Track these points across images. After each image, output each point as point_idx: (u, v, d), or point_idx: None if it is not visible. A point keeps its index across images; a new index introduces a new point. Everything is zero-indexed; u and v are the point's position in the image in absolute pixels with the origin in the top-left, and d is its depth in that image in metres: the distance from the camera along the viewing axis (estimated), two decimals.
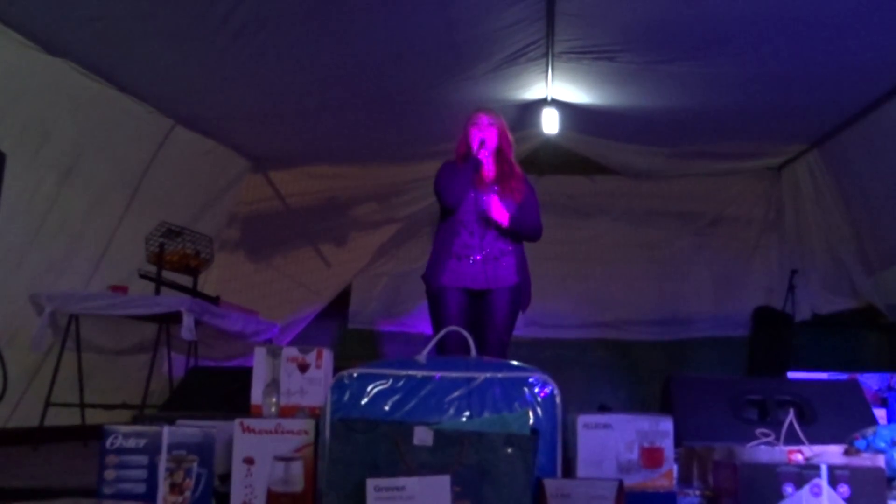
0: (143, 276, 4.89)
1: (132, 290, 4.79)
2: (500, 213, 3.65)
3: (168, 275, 4.97)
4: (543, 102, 5.68)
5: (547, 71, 5.16)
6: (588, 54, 4.84)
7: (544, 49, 4.86)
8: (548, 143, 6.51)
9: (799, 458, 2.02)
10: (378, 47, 4.63)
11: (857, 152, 5.66)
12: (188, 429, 1.83)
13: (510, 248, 3.75)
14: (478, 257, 3.69)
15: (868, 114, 5.27)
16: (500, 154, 3.80)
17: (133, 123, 5.03)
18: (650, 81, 5.08)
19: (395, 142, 6.28)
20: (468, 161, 3.68)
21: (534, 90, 5.52)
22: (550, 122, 5.75)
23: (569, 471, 1.84)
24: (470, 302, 3.71)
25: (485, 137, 3.72)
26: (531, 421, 1.80)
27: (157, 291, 4.86)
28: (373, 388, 1.83)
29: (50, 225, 4.62)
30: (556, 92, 5.52)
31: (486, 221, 3.69)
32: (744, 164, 6.74)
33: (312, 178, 6.74)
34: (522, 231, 3.78)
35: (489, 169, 3.80)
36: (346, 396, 1.82)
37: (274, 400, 2.00)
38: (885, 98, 5.00)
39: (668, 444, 1.85)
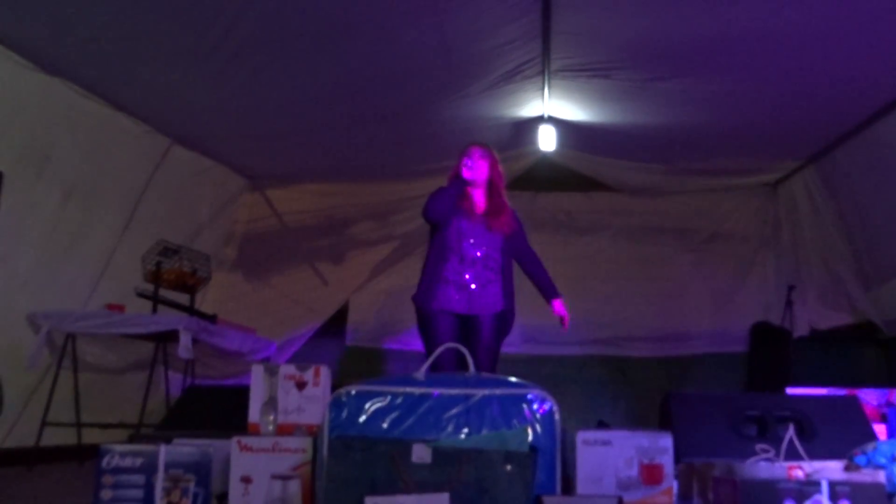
0: (140, 295, 4.88)
1: (130, 309, 4.78)
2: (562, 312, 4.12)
3: (165, 293, 4.96)
4: (540, 120, 5.70)
5: (543, 88, 5.18)
6: (584, 72, 4.86)
7: (540, 67, 4.89)
8: (544, 160, 6.53)
9: (799, 474, 2.00)
10: (375, 66, 4.65)
11: (852, 168, 5.67)
12: (185, 448, 1.82)
13: (496, 276, 3.91)
14: (465, 284, 3.85)
15: (863, 130, 5.29)
16: (492, 187, 3.96)
17: (130, 142, 5.05)
18: (646, 99, 5.10)
19: (392, 160, 6.29)
20: (457, 181, 3.87)
21: (530, 108, 5.54)
22: (547, 140, 5.77)
23: (568, 488, 1.83)
24: (458, 325, 3.87)
25: (475, 166, 3.89)
26: (530, 438, 1.79)
27: (154, 310, 4.85)
28: (371, 406, 1.82)
29: (50, 244, 4.63)
30: (552, 109, 5.54)
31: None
32: (740, 181, 6.76)
33: (309, 196, 6.74)
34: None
35: (479, 201, 3.95)
36: (344, 414, 1.81)
37: (271, 418, 1.99)
38: (881, 114, 5.01)
39: (667, 461, 1.84)
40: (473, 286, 3.85)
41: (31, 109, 4.34)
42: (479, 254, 3.87)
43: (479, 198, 3.96)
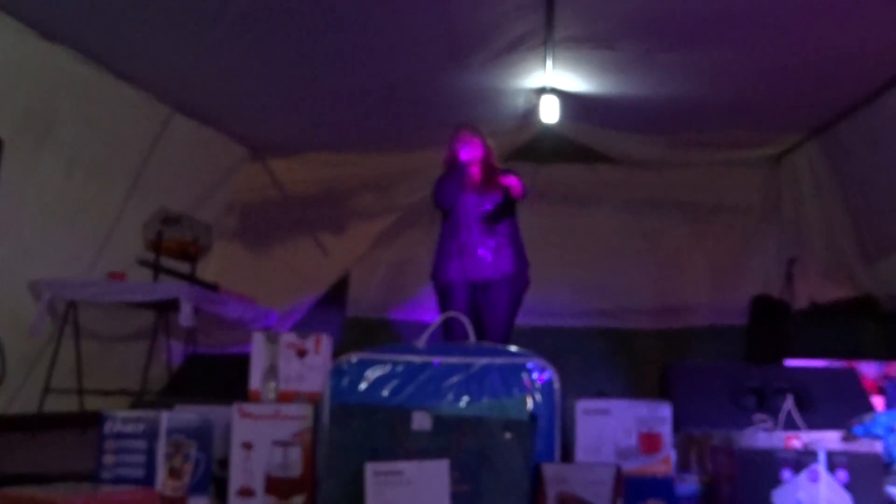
0: (142, 264, 4.88)
1: (131, 278, 4.79)
2: (515, 185, 4.12)
3: (166, 262, 4.96)
4: (542, 91, 5.66)
5: (546, 59, 5.14)
6: (588, 42, 4.82)
7: (543, 37, 4.85)
8: (546, 131, 6.49)
9: (797, 444, 2.02)
10: (376, 36, 4.62)
11: (856, 142, 5.65)
12: (187, 414, 1.83)
13: (506, 239, 4.22)
14: (477, 253, 4.16)
15: (868, 103, 5.25)
16: (485, 163, 4.28)
17: (132, 111, 5.02)
18: (650, 70, 5.07)
19: (394, 130, 6.26)
20: (455, 168, 4.18)
21: (533, 78, 5.50)
22: (550, 111, 5.74)
23: (567, 456, 1.84)
24: (475, 294, 4.16)
25: (470, 147, 4.22)
26: (529, 406, 1.80)
27: (156, 279, 4.86)
28: (371, 374, 1.83)
29: (53, 213, 4.62)
30: (555, 80, 5.50)
31: (485, 218, 4.18)
32: (743, 154, 6.73)
33: (311, 167, 6.72)
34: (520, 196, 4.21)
35: (477, 175, 4.27)
36: (345, 382, 1.82)
37: (272, 386, 1.99)
38: (885, 88, 4.98)
39: (666, 430, 1.85)
40: (485, 253, 4.15)
41: (31, 77, 4.32)
42: (487, 224, 4.18)
43: (476, 173, 4.27)
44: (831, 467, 1.64)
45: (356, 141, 6.44)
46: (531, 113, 5.90)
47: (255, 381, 1.99)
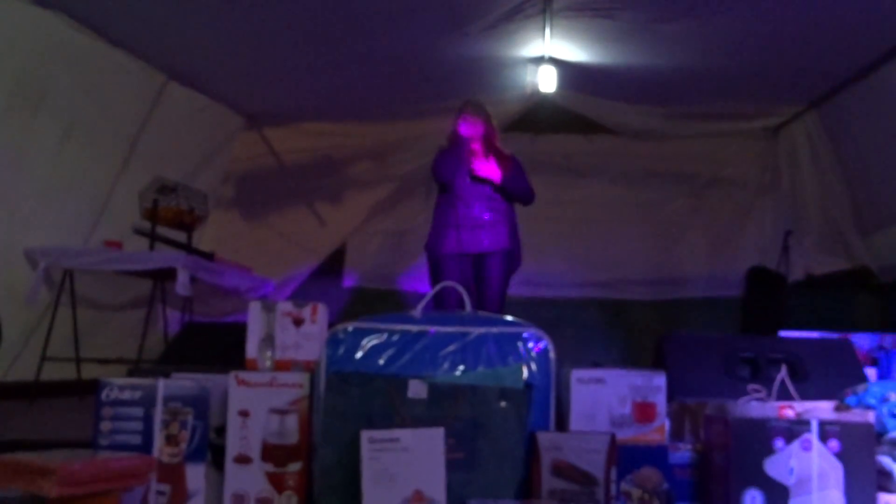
0: (138, 232, 4.87)
1: (127, 247, 4.78)
2: (493, 172, 4.23)
3: (163, 231, 4.95)
4: (540, 60, 5.62)
5: (544, 28, 5.10)
6: (587, 11, 4.78)
7: (542, 6, 4.80)
8: (544, 101, 6.45)
9: (790, 413, 2.03)
10: (373, 4, 4.57)
11: (854, 114, 5.63)
12: (183, 381, 1.83)
13: (501, 217, 4.29)
14: (473, 226, 4.22)
15: (867, 75, 5.23)
16: (487, 140, 4.33)
17: (127, 79, 4.98)
18: (649, 40, 5.03)
19: (391, 99, 6.23)
20: (457, 142, 4.24)
21: (531, 48, 5.46)
22: (547, 81, 5.70)
23: (562, 425, 1.86)
24: (469, 266, 4.22)
25: (471, 124, 4.27)
26: (525, 375, 1.80)
27: (152, 247, 4.85)
28: (368, 343, 1.83)
29: (51, 182, 4.60)
30: (553, 50, 5.46)
31: (481, 181, 4.22)
32: (741, 125, 6.70)
33: (307, 136, 6.69)
34: (515, 190, 4.33)
35: (478, 151, 4.31)
36: (341, 351, 1.83)
37: (269, 354, 2.00)
38: (885, 59, 4.95)
39: (660, 400, 1.86)
40: (481, 227, 4.22)
41: (25, 44, 4.27)
42: (483, 198, 4.24)
43: (477, 148, 4.31)
44: (823, 437, 1.65)
45: (353, 110, 6.41)
46: (529, 83, 5.87)
47: (251, 349, 2.00)
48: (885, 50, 4.86)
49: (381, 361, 1.81)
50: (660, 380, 1.87)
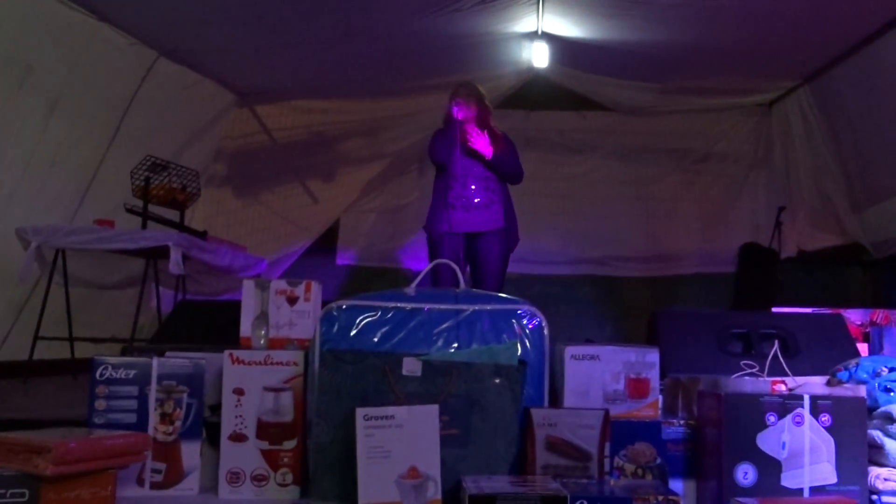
0: (130, 211, 4.84)
1: (118, 225, 4.75)
2: (484, 146, 4.25)
3: (154, 209, 4.93)
4: (534, 35, 5.59)
5: (538, 3, 5.07)
6: None
7: None
8: (537, 77, 6.44)
9: (782, 388, 2.05)
10: None
11: (847, 89, 5.62)
12: (178, 360, 1.83)
13: (497, 196, 4.33)
14: (469, 206, 4.27)
15: (859, 50, 5.22)
16: (481, 120, 4.36)
17: (116, 55, 4.93)
18: (642, 14, 5.00)
19: (383, 76, 6.19)
20: (451, 124, 4.27)
21: (524, 23, 5.43)
22: (540, 56, 5.68)
23: (556, 401, 1.86)
24: (466, 245, 4.27)
25: (465, 106, 4.30)
26: (519, 352, 1.81)
27: (144, 226, 4.83)
28: (362, 320, 1.83)
29: (36, 158, 4.56)
30: (546, 25, 5.44)
31: (473, 154, 4.24)
32: (734, 101, 6.70)
33: (299, 113, 6.66)
34: (505, 167, 4.36)
35: (473, 131, 4.32)
36: (335, 328, 1.82)
37: (263, 332, 2.00)
38: (877, 34, 4.94)
39: (653, 375, 1.87)
40: (477, 206, 4.27)
41: (10, 18, 4.21)
42: (478, 178, 4.28)
43: (471, 129, 4.32)
44: (815, 411, 1.66)
45: (345, 87, 6.37)
46: (522, 58, 5.84)
47: (245, 328, 2.00)
48: (877, 25, 4.85)
49: (376, 339, 1.81)
50: (653, 356, 1.87)
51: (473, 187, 4.28)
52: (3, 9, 4.14)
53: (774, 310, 4.38)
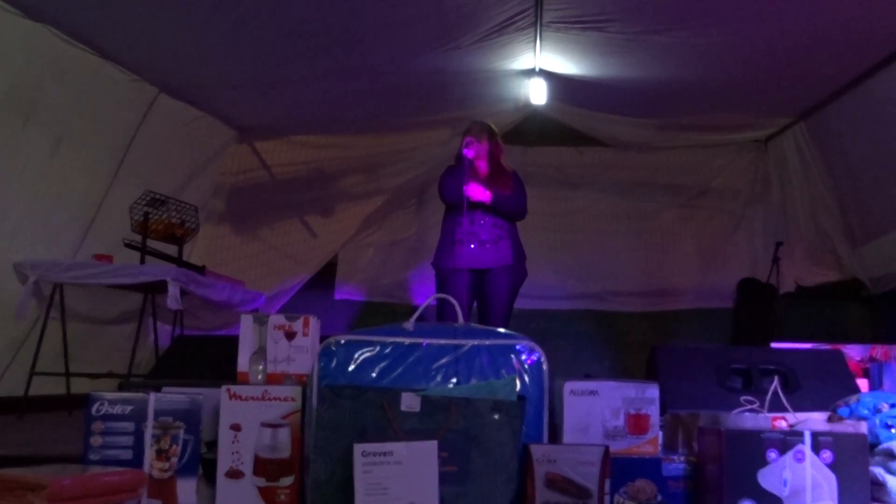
0: (128, 246, 4.84)
1: (117, 260, 4.75)
2: (480, 194, 4.23)
3: (153, 244, 4.93)
4: (531, 73, 5.64)
5: (535, 41, 5.12)
6: (577, 24, 4.80)
7: (532, 18, 4.82)
8: (535, 113, 6.48)
9: (783, 424, 2.03)
10: (364, 15, 4.58)
11: (843, 125, 5.67)
12: (175, 395, 1.82)
13: (505, 233, 4.35)
14: (477, 242, 4.29)
15: (855, 86, 5.27)
16: (492, 157, 4.43)
17: (117, 91, 4.97)
18: (639, 52, 5.06)
19: (382, 112, 6.23)
20: (461, 163, 4.31)
21: (522, 60, 5.48)
22: (538, 93, 5.72)
23: (555, 437, 1.85)
24: (474, 281, 4.31)
25: (476, 145, 4.34)
26: (518, 387, 1.80)
27: (143, 261, 4.83)
28: (360, 355, 1.82)
29: (39, 193, 4.58)
30: (544, 62, 5.49)
31: (474, 206, 4.25)
32: (731, 137, 6.75)
33: (298, 148, 6.69)
34: (507, 208, 4.35)
35: (483, 169, 4.40)
36: (334, 363, 1.82)
37: (261, 367, 1.99)
38: (872, 71, 5.00)
39: (653, 411, 1.86)
40: (485, 243, 4.29)
41: (16, 56, 4.26)
42: (486, 215, 4.30)
43: (482, 167, 4.40)
44: (816, 448, 1.65)
45: (344, 123, 6.41)
46: (520, 95, 5.89)
47: (242, 363, 1.99)
48: (871, 63, 4.91)
49: (374, 374, 1.80)
50: (653, 391, 1.87)
51: (482, 224, 4.30)
52: (8, 46, 4.19)
53: (773, 345, 4.37)
